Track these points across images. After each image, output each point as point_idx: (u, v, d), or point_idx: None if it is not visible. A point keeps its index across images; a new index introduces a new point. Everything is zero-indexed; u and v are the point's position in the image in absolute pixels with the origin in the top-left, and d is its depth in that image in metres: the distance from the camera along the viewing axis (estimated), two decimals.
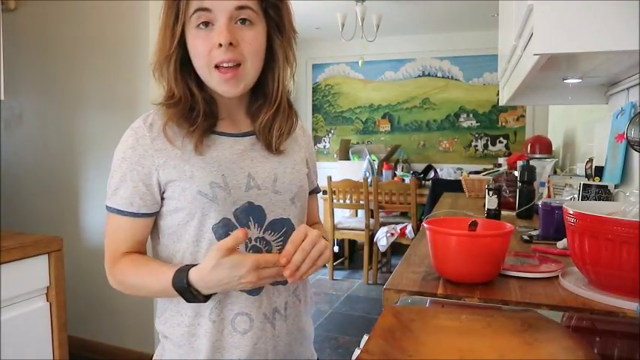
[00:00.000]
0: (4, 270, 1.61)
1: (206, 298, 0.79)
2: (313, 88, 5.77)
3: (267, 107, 0.89)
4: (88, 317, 2.63)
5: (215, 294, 0.81)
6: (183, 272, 0.78)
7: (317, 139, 5.83)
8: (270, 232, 0.87)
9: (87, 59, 2.55)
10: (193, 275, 0.77)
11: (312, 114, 5.80)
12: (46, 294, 1.79)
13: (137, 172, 0.83)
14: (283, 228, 0.89)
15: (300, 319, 0.93)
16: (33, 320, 1.73)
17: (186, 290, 0.78)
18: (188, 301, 0.80)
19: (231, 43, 0.79)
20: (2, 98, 1.95)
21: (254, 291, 0.85)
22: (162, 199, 0.86)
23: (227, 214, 0.83)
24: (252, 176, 0.86)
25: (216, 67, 0.80)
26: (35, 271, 1.73)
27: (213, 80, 0.82)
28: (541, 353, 0.69)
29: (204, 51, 0.80)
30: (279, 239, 0.88)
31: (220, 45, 0.78)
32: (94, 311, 2.62)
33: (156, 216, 0.88)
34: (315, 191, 1.06)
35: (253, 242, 0.85)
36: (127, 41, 2.43)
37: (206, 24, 0.80)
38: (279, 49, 0.87)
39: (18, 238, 1.75)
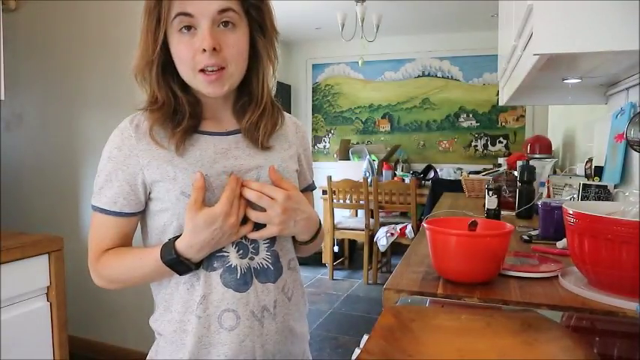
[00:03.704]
0: (4, 270, 1.61)
1: (198, 265, 0.83)
2: (313, 88, 5.77)
3: (252, 107, 0.89)
4: (89, 317, 2.63)
5: (201, 262, 0.84)
6: (169, 245, 0.81)
7: (317, 139, 5.83)
8: (256, 229, 0.86)
9: (87, 59, 2.55)
10: (180, 245, 0.80)
11: (312, 114, 5.80)
12: (47, 294, 1.79)
13: (122, 171, 0.85)
14: None
15: (290, 318, 0.92)
16: (33, 320, 1.74)
17: (177, 261, 0.81)
18: (181, 273, 0.83)
19: (214, 48, 0.78)
20: (2, 98, 1.95)
21: (241, 288, 0.85)
22: (149, 199, 0.87)
23: None
24: (236, 175, 0.85)
25: (201, 70, 0.80)
26: (35, 271, 1.74)
27: (198, 83, 0.82)
28: (541, 353, 0.69)
29: (188, 55, 0.80)
30: (267, 238, 0.88)
31: (204, 50, 0.78)
32: (94, 311, 2.62)
33: (141, 215, 0.89)
34: (309, 188, 1.04)
35: (240, 239, 0.86)
36: (126, 41, 2.43)
37: (188, 28, 0.79)
38: (262, 49, 0.87)
39: (18, 238, 1.75)
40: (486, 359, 0.68)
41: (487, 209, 1.95)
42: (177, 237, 0.82)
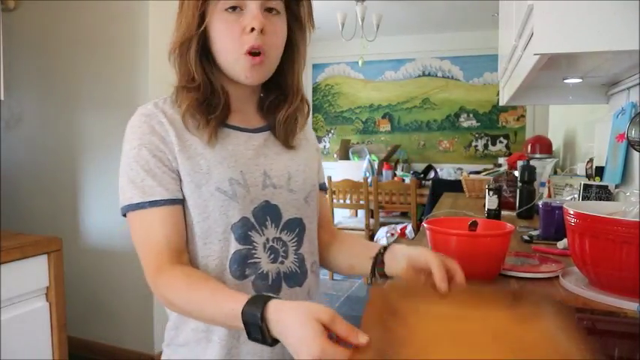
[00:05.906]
0: (3, 270, 1.61)
1: (274, 341, 0.65)
2: (313, 88, 5.77)
3: (287, 102, 0.87)
4: (88, 317, 2.63)
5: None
6: (258, 306, 0.64)
7: (317, 139, 5.82)
8: (286, 232, 0.84)
9: (86, 59, 2.55)
10: (271, 317, 0.63)
11: (312, 114, 5.80)
12: (46, 294, 1.78)
13: (161, 157, 0.77)
14: (297, 228, 0.86)
15: None
16: (33, 320, 1.73)
17: (258, 328, 0.64)
18: (251, 337, 0.65)
19: (262, 30, 0.76)
20: (2, 98, 1.95)
21: (272, 294, 0.81)
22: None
23: (246, 213, 0.79)
24: (268, 174, 0.83)
25: (247, 53, 0.77)
26: (35, 272, 1.73)
27: (239, 66, 0.78)
28: (535, 329, 0.67)
29: (234, 35, 0.77)
30: (294, 239, 0.85)
31: (252, 30, 0.76)
32: (93, 311, 2.62)
33: None
34: (323, 187, 1.02)
35: (271, 243, 0.82)
36: (126, 41, 2.43)
37: (234, 8, 0.77)
38: (300, 42, 0.86)
39: (17, 238, 1.75)
40: (481, 341, 0.65)
41: (487, 209, 1.95)
42: (271, 298, 0.65)
